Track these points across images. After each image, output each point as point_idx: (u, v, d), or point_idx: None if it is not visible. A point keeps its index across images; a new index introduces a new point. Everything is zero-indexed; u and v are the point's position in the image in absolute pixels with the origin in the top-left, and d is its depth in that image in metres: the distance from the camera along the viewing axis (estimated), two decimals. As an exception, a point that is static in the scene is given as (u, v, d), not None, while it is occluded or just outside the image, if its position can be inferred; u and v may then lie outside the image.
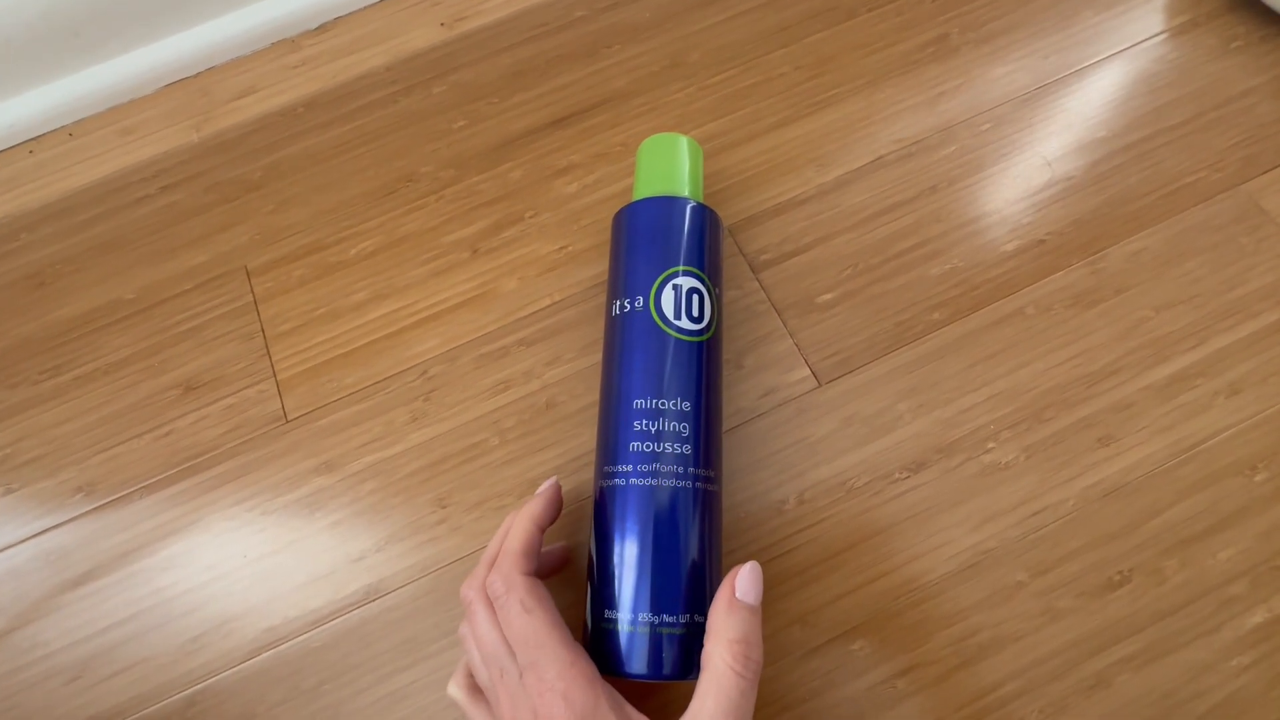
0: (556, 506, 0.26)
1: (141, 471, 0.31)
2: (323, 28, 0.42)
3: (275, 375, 0.33)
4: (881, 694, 0.27)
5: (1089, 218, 0.33)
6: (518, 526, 0.24)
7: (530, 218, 0.35)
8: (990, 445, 0.30)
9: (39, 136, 0.40)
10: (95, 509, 0.31)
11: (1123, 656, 0.27)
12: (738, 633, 0.21)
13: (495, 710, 0.22)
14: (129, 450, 0.32)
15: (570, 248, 0.34)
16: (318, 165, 0.37)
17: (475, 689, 0.24)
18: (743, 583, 0.22)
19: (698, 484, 0.24)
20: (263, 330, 0.34)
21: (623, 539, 0.23)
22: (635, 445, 0.24)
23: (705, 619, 0.23)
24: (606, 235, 0.34)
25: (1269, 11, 0.37)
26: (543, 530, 0.25)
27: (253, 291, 0.35)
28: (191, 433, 0.32)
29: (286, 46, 0.41)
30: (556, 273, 0.34)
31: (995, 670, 0.27)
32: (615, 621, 0.23)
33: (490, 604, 0.23)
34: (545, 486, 0.26)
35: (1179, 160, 0.34)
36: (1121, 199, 0.34)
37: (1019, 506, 0.29)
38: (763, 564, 0.28)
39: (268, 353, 0.33)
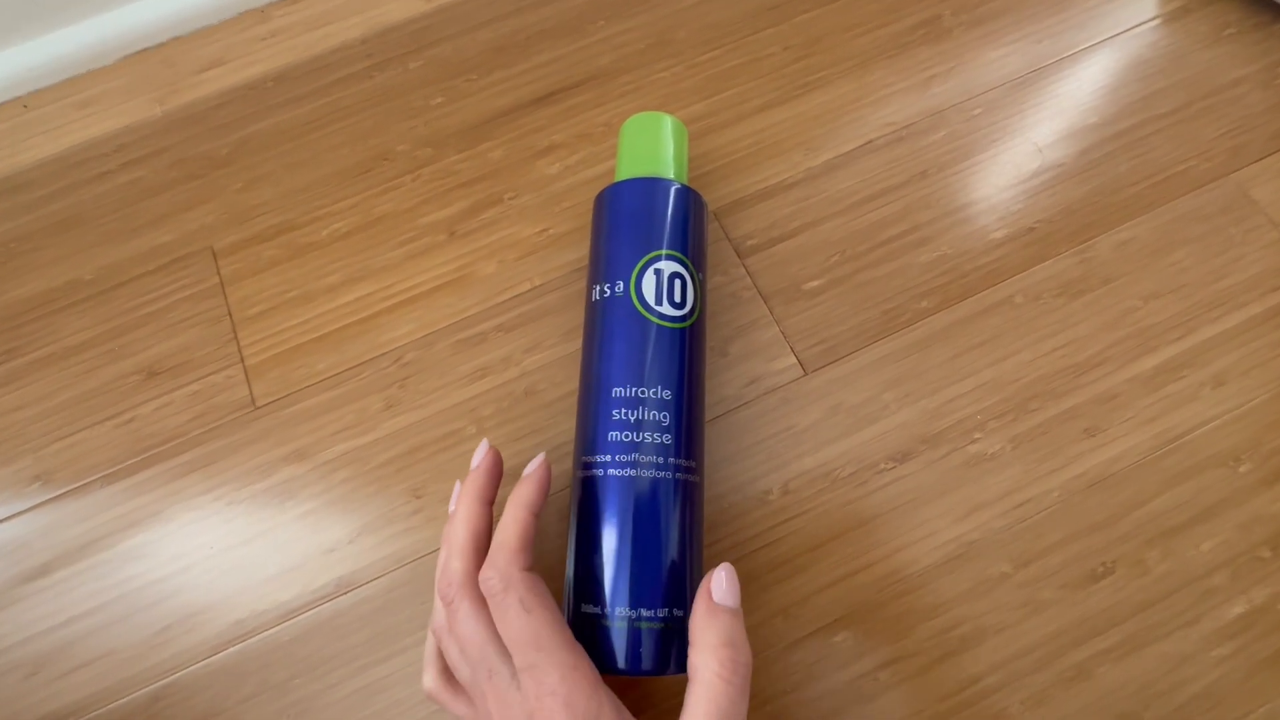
0: (548, 488, 0.24)
1: (102, 460, 0.30)
2: (294, -3, 0.40)
3: (243, 360, 0.32)
4: (863, 686, 0.26)
5: (1078, 206, 0.33)
6: (512, 516, 0.23)
7: (510, 199, 0.34)
8: (976, 436, 0.29)
9: (-8, 107, 0.38)
10: (54, 498, 0.30)
11: (1104, 648, 0.27)
12: (721, 637, 0.20)
13: (479, 708, 0.21)
14: (89, 438, 0.30)
15: (552, 230, 0.33)
16: (289, 142, 0.36)
17: (453, 682, 0.23)
18: (719, 586, 0.21)
19: (678, 475, 0.23)
20: (230, 313, 0.32)
21: (600, 531, 0.23)
22: (614, 435, 0.23)
23: (684, 613, 0.22)
24: (589, 218, 0.33)
25: (1262, -2, 0.37)
26: (537, 517, 0.23)
27: (219, 273, 0.33)
28: (155, 420, 0.31)
29: (256, 16, 0.39)
30: (537, 256, 0.33)
31: (977, 662, 0.27)
32: (592, 615, 0.22)
33: (476, 599, 0.22)
34: (534, 467, 0.24)
35: (1169, 149, 0.34)
36: (1111, 187, 0.33)
37: (1004, 498, 0.28)
38: (746, 556, 0.28)
39: (235, 337, 0.32)
